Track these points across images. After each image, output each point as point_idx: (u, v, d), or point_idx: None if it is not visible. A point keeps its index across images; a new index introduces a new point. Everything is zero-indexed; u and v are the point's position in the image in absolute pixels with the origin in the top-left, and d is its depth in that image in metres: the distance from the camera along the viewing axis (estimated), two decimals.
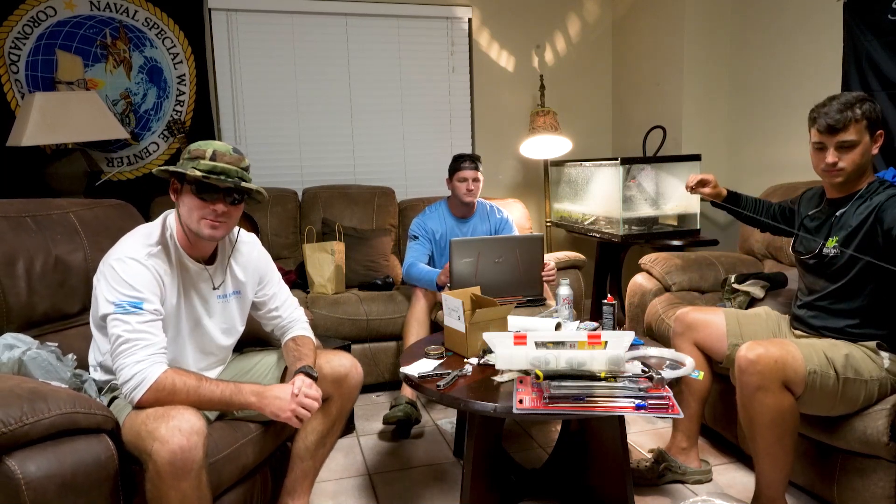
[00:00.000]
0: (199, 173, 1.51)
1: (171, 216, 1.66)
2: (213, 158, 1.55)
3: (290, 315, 1.89)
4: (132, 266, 1.53)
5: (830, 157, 1.82)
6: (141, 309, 1.50)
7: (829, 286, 1.88)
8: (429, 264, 2.97)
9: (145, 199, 3.29)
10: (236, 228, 1.75)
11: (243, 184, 1.57)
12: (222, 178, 1.53)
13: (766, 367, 1.68)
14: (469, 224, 3.04)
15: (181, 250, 1.64)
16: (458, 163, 2.97)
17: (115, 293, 1.50)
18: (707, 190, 2.18)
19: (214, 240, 1.64)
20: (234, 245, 1.77)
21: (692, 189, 2.20)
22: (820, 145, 1.83)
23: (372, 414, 2.84)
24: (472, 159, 2.95)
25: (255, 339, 2.01)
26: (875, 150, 1.82)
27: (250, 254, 1.82)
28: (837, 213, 1.88)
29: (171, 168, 1.56)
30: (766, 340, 1.79)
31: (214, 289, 1.72)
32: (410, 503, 2.10)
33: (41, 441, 1.29)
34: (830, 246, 1.87)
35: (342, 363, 1.79)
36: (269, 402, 1.56)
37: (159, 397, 1.44)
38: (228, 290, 1.77)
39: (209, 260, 1.72)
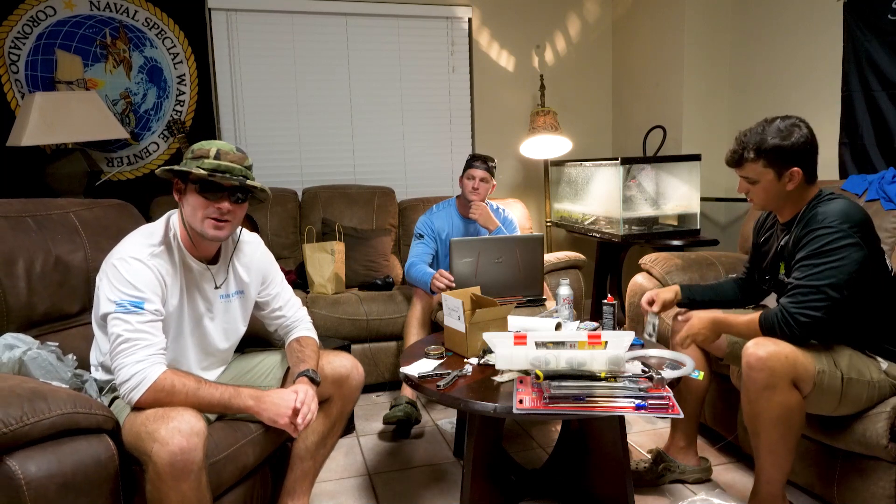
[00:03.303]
0: (203, 172, 1.51)
1: (174, 216, 1.67)
2: (217, 157, 1.55)
3: (294, 315, 1.89)
4: (134, 266, 1.53)
5: (739, 186, 1.87)
6: (142, 309, 1.49)
7: None
8: (432, 264, 2.97)
9: (145, 199, 3.29)
10: (239, 228, 1.75)
11: (248, 182, 1.58)
12: (227, 176, 1.54)
13: (776, 364, 1.65)
14: (475, 224, 3.05)
15: (184, 250, 1.64)
16: (470, 161, 3.00)
17: (117, 292, 1.50)
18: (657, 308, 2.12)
19: (218, 240, 1.64)
20: (237, 244, 1.77)
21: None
22: None
23: (372, 414, 2.84)
24: (484, 160, 2.97)
25: (258, 338, 2.01)
26: (789, 187, 1.75)
27: (253, 254, 1.82)
28: (781, 242, 1.87)
29: (176, 167, 1.55)
30: (775, 339, 1.77)
31: (216, 288, 1.72)
32: (410, 503, 2.10)
33: (42, 441, 1.29)
34: (782, 272, 1.84)
35: (343, 364, 1.79)
36: (267, 408, 1.56)
37: (158, 398, 1.44)
38: (231, 290, 1.77)
39: (212, 260, 1.72)
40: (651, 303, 2.14)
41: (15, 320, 1.78)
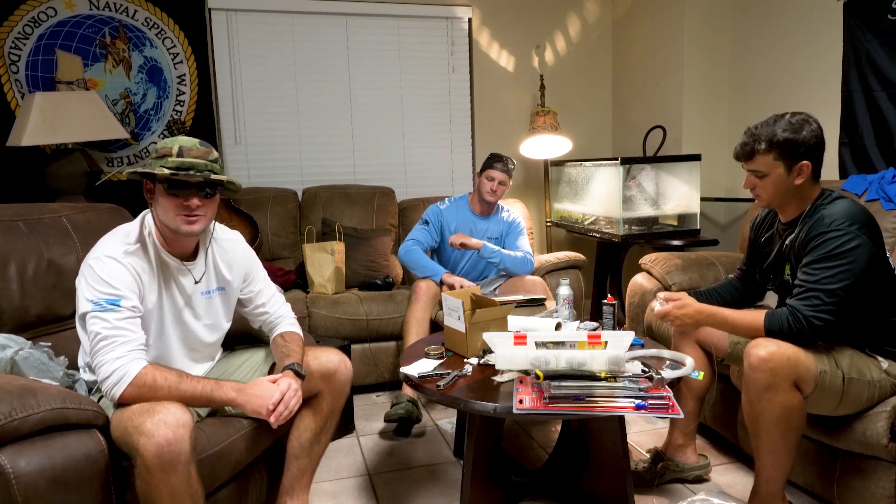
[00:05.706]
0: (167, 171, 1.52)
1: (148, 215, 1.67)
2: (179, 154, 1.56)
3: (278, 311, 1.89)
4: (109, 264, 1.54)
5: (745, 181, 1.84)
6: (118, 306, 1.50)
7: None
8: (431, 256, 3.02)
9: (145, 199, 3.28)
10: (213, 223, 1.75)
11: (213, 176, 1.57)
12: (191, 173, 1.54)
13: (778, 364, 1.65)
14: (486, 222, 3.09)
15: (160, 247, 1.64)
16: (491, 161, 3.02)
17: (93, 291, 1.51)
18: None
19: (193, 234, 1.64)
20: (212, 238, 1.77)
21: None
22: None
23: (372, 414, 2.84)
24: (505, 163, 2.99)
25: (246, 335, 2.01)
26: (798, 181, 1.75)
27: (235, 251, 1.82)
28: (787, 242, 1.85)
29: (140, 169, 1.56)
30: (776, 339, 1.76)
31: (196, 283, 1.72)
32: (410, 503, 2.10)
33: (31, 436, 1.30)
34: (788, 273, 1.84)
35: (330, 359, 1.79)
36: (250, 399, 1.57)
37: (140, 393, 1.44)
38: (212, 287, 1.77)
39: (190, 256, 1.72)
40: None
41: (8, 322, 1.79)
